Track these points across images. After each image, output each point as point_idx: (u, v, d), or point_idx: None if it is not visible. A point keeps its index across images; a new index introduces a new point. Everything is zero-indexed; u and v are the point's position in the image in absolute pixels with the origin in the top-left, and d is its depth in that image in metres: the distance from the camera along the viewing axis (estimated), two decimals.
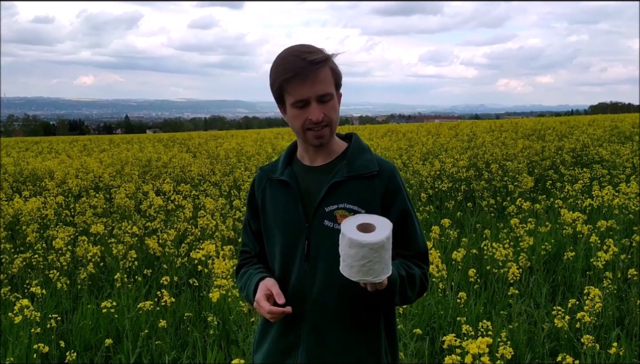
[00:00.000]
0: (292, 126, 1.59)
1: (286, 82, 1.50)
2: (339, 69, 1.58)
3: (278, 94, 1.57)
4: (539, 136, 16.08)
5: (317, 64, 1.49)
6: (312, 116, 1.52)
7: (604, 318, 3.85)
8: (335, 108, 1.57)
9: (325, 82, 1.52)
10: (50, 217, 6.68)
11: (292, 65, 1.49)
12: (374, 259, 1.33)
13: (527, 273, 4.78)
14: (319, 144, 1.58)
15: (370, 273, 1.34)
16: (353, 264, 1.34)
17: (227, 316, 4.09)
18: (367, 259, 1.32)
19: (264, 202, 1.67)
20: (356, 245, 1.32)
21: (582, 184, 7.64)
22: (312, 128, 1.54)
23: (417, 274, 1.57)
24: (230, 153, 14.01)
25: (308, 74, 1.49)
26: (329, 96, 1.53)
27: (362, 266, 1.33)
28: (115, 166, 12.25)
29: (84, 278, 4.68)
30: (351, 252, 1.33)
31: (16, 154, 18.10)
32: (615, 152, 11.21)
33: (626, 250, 4.85)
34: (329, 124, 1.55)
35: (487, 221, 7.12)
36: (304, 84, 1.49)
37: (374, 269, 1.34)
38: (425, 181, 9.08)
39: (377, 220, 1.41)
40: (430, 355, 3.62)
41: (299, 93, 1.50)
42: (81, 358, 3.71)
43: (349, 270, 1.35)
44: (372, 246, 1.31)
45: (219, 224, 6.09)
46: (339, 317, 1.55)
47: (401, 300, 1.54)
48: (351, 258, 1.33)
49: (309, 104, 1.52)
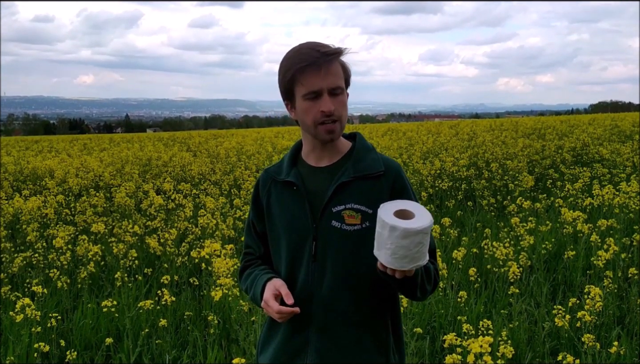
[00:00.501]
0: (303, 121, 1.58)
1: (300, 71, 1.51)
2: (348, 67, 1.59)
3: (289, 87, 1.56)
4: (539, 134, 16.08)
5: (331, 55, 1.52)
6: (324, 106, 1.52)
7: (605, 317, 3.85)
8: (345, 104, 1.58)
9: (337, 75, 1.54)
10: (51, 216, 6.68)
11: (307, 55, 1.51)
12: (424, 241, 1.34)
13: (528, 272, 4.78)
14: (330, 139, 1.57)
15: (421, 256, 1.35)
16: (406, 254, 1.33)
17: (228, 315, 4.09)
18: (420, 244, 1.33)
19: (270, 203, 1.66)
20: (411, 234, 1.31)
21: (582, 183, 7.64)
22: (323, 122, 1.54)
23: (432, 268, 1.58)
24: (231, 152, 14.01)
25: (322, 64, 1.51)
26: (340, 90, 1.55)
27: (417, 252, 1.34)
28: (116, 165, 12.26)
29: (84, 277, 4.68)
30: (404, 242, 1.32)
31: (16, 153, 18.11)
32: (615, 151, 11.21)
33: (627, 249, 4.85)
34: (339, 119, 1.56)
35: (487, 220, 7.12)
36: (317, 74, 1.51)
37: (423, 252, 1.35)
38: (425, 179, 9.08)
39: (402, 204, 1.42)
40: (430, 354, 3.62)
41: (312, 83, 1.51)
42: (81, 357, 3.71)
43: (401, 261, 1.34)
44: (425, 230, 1.33)
45: (220, 223, 6.09)
46: (348, 317, 1.55)
47: (421, 293, 1.54)
48: (405, 249, 1.33)
49: (321, 96, 1.52)
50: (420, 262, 1.36)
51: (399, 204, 1.41)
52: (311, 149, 1.65)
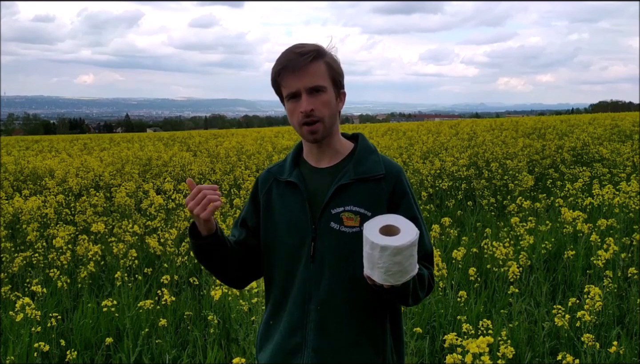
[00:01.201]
0: (291, 123, 1.60)
1: (278, 74, 1.55)
2: (338, 67, 1.59)
3: (277, 91, 1.60)
4: (539, 134, 16.06)
5: (305, 55, 1.52)
6: (301, 106, 1.53)
7: (604, 316, 3.85)
8: (328, 103, 1.56)
9: (316, 75, 1.54)
10: (51, 216, 6.68)
11: (284, 58, 1.54)
12: (414, 252, 1.35)
13: (528, 271, 4.78)
14: (313, 139, 1.58)
15: (413, 268, 1.36)
16: (400, 269, 1.33)
17: (228, 315, 4.10)
18: (411, 257, 1.34)
19: (269, 202, 1.66)
20: (403, 249, 1.31)
21: (582, 182, 7.63)
22: (305, 122, 1.55)
23: (426, 274, 1.58)
24: (231, 152, 14.00)
25: (297, 66, 1.52)
26: (320, 88, 1.54)
27: (409, 265, 1.34)
28: (116, 164, 12.25)
29: (84, 276, 4.68)
30: (397, 259, 1.32)
31: (17, 152, 18.11)
32: (615, 151, 11.21)
33: (626, 249, 4.85)
34: (321, 118, 1.55)
35: (487, 220, 7.12)
36: (293, 75, 1.52)
37: (414, 263, 1.36)
38: (425, 179, 9.08)
39: (388, 218, 1.41)
40: (430, 354, 3.62)
41: (290, 85, 1.54)
42: (81, 356, 3.71)
43: (395, 276, 1.34)
44: (414, 243, 1.33)
45: (219, 222, 6.09)
46: (346, 317, 1.56)
47: (413, 300, 1.55)
48: (398, 264, 1.33)
49: (299, 97, 1.54)
50: (412, 273, 1.36)
51: (381, 221, 1.41)
52: (309, 149, 1.66)
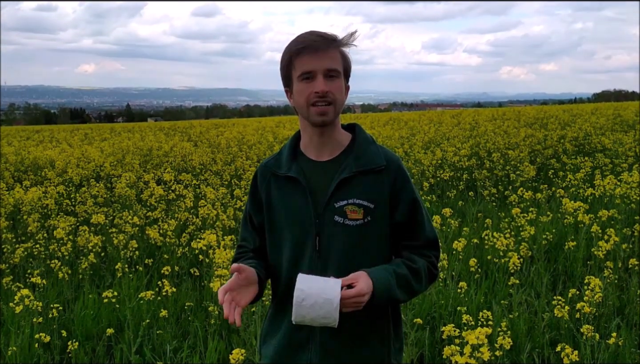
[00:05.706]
0: (297, 102, 1.59)
1: (296, 54, 1.54)
2: (349, 58, 1.61)
3: (287, 72, 1.58)
4: (541, 124, 16.00)
5: (327, 38, 1.55)
6: (317, 87, 1.53)
7: (605, 307, 3.85)
8: (341, 89, 1.58)
9: (334, 59, 1.56)
10: (51, 206, 6.69)
11: (304, 38, 1.55)
12: (319, 308, 1.43)
13: (528, 262, 4.78)
14: (321, 122, 1.57)
15: (328, 316, 1.43)
16: (309, 320, 1.46)
17: None
18: (316, 313, 1.44)
19: (270, 198, 1.65)
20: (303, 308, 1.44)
21: (584, 173, 7.62)
22: (315, 103, 1.54)
23: (422, 266, 1.58)
24: (232, 142, 13.97)
25: (319, 47, 1.53)
26: (336, 73, 1.56)
27: (317, 316, 1.44)
28: (116, 155, 12.24)
29: (85, 267, 4.69)
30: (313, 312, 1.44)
31: (17, 143, 18.10)
32: (617, 141, 11.16)
33: (627, 240, 4.85)
34: (334, 102, 1.55)
35: (488, 211, 7.11)
36: (313, 56, 1.53)
37: (326, 310, 1.43)
38: (426, 169, 9.06)
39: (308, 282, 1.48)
40: (430, 345, 3.63)
41: (308, 64, 1.53)
42: (83, 347, 3.72)
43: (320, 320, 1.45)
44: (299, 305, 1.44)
45: (220, 213, 6.09)
46: (351, 311, 1.56)
47: (408, 295, 1.57)
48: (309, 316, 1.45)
49: (315, 78, 1.54)
50: (331, 318, 1.44)
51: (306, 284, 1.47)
52: (309, 140, 1.64)
